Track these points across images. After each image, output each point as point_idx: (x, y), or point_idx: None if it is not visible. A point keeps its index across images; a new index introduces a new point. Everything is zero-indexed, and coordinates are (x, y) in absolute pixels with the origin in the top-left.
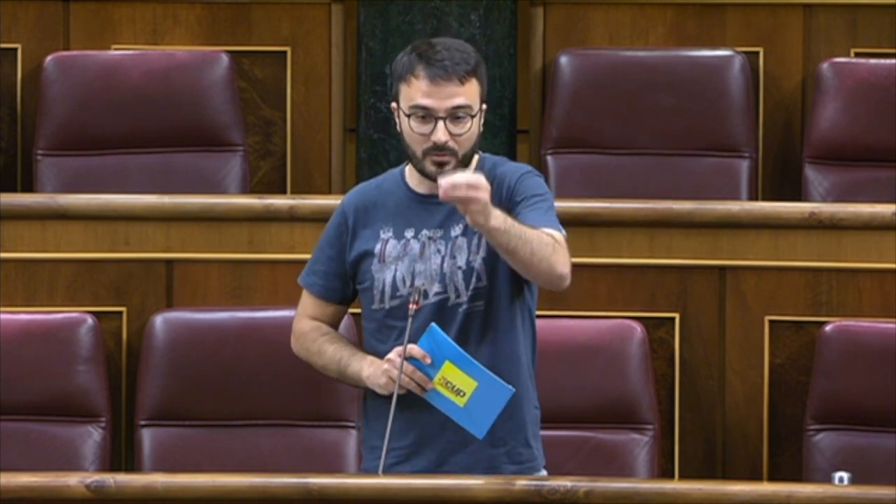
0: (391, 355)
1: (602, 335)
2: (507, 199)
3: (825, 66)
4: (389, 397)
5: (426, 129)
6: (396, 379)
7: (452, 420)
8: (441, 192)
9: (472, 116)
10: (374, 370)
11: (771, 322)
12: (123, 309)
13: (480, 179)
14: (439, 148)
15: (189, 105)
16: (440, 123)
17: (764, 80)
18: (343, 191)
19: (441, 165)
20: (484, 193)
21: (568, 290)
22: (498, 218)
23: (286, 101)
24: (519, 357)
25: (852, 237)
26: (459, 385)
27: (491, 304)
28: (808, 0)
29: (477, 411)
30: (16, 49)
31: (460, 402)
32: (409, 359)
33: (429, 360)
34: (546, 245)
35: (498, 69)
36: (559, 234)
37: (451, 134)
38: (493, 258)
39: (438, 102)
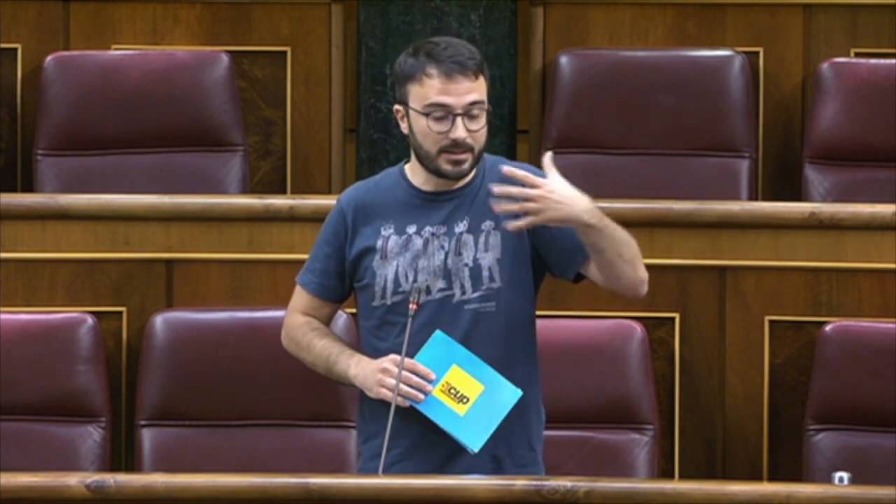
0: (386, 364)
1: (602, 335)
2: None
3: (825, 66)
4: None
5: (443, 127)
6: (392, 389)
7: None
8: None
9: (486, 112)
10: (361, 370)
11: (771, 322)
12: (123, 309)
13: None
14: (457, 145)
15: (189, 105)
16: (458, 120)
17: (764, 80)
18: (343, 191)
19: (457, 164)
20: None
21: (568, 290)
22: (594, 216)
23: (286, 101)
24: (527, 360)
25: (852, 237)
26: (464, 391)
27: (503, 306)
28: (808, 0)
29: (477, 420)
30: (16, 49)
31: (460, 410)
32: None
33: (433, 377)
34: (634, 247)
35: (498, 69)
36: None
37: (468, 130)
38: (508, 260)
39: (456, 99)
